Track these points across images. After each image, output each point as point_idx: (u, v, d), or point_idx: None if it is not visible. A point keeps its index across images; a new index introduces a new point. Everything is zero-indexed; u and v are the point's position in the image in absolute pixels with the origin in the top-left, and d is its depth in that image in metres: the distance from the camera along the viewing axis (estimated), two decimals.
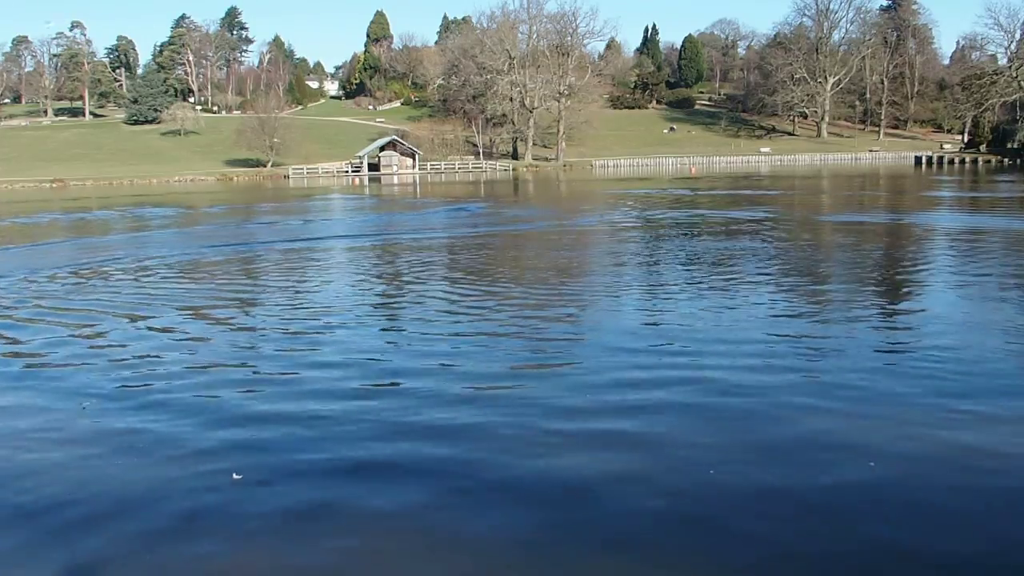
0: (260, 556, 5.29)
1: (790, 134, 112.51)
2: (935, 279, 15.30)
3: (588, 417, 7.53)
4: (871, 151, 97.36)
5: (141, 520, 5.75)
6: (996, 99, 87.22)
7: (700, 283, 14.87)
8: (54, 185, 73.57)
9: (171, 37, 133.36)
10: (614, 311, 12.66)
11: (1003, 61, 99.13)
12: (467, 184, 65.10)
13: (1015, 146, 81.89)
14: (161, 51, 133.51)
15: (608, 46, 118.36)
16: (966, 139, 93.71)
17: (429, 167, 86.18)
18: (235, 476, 6.47)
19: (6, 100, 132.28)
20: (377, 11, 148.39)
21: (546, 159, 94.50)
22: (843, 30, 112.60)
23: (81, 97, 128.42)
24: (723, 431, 7.12)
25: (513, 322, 11.78)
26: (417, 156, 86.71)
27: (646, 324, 11.49)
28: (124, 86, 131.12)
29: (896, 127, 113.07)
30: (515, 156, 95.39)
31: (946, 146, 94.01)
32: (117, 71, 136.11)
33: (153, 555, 5.29)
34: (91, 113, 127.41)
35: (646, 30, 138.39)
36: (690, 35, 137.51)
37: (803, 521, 5.55)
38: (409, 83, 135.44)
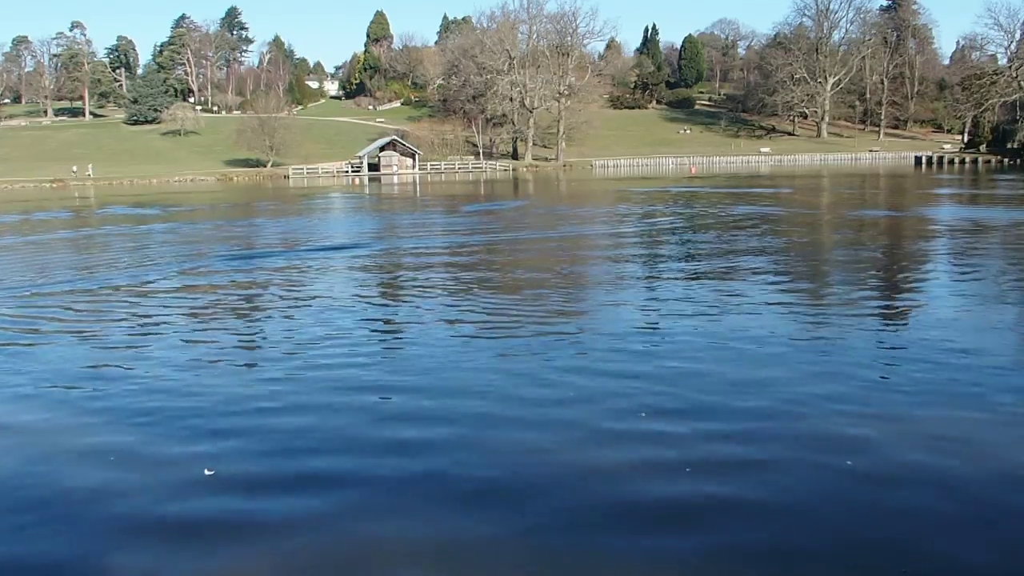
0: None
1: (790, 134, 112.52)
2: (944, 270, 15.34)
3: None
4: (871, 151, 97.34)
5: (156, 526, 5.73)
6: (996, 99, 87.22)
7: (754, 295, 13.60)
8: (54, 185, 73.58)
9: (171, 37, 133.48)
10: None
11: (1003, 61, 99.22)
12: (469, 184, 64.93)
13: (1015, 146, 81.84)
14: (161, 51, 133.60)
15: (608, 46, 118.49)
16: (966, 139, 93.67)
17: (429, 167, 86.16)
18: (207, 471, 6.22)
19: (6, 100, 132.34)
20: (377, 11, 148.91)
21: (546, 159, 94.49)
22: (843, 30, 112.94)
23: (81, 97, 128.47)
24: (795, 448, 6.73)
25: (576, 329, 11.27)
26: (417, 156, 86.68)
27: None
28: (124, 86, 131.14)
29: (896, 127, 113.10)
30: (515, 156, 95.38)
31: (946, 146, 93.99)
32: (117, 71, 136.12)
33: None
34: (91, 113, 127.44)
35: (646, 30, 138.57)
36: (690, 35, 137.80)
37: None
38: (409, 83, 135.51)
